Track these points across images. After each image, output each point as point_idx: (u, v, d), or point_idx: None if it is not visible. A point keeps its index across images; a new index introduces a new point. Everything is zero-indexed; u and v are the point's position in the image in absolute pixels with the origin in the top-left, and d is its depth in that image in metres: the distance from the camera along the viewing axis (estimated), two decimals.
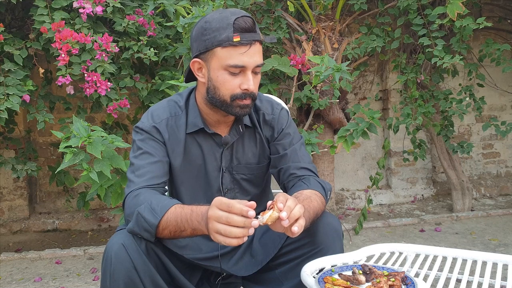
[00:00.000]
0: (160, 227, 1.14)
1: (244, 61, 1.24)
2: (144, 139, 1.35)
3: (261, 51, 1.28)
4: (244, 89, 1.27)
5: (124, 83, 2.74)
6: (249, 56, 1.24)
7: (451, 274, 1.19)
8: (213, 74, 1.28)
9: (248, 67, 1.25)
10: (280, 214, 1.05)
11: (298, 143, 1.44)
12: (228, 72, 1.26)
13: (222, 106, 1.31)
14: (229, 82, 1.27)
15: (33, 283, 2.69)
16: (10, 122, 3.10)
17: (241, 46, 1.23)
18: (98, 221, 3.94)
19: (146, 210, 1.15)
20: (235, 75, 1.26)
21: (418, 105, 3.40)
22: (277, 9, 3.33)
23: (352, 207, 4.19)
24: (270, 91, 3.20)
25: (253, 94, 1.29)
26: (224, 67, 1.26)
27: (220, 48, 1.24)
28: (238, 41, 1.22)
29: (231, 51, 1.23)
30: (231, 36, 1.22)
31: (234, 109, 1.29)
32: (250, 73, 1.26)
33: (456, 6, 2.82)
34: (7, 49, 2.57)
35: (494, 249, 2.94)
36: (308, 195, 1.26)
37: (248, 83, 1.26)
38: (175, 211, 1.14)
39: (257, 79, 1.31)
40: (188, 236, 1.15)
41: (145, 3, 2.75)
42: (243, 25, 1.22)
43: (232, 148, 1.41)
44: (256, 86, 1.30)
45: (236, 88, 1.27)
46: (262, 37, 1.27)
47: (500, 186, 4.41)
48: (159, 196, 1.22)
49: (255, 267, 1.36)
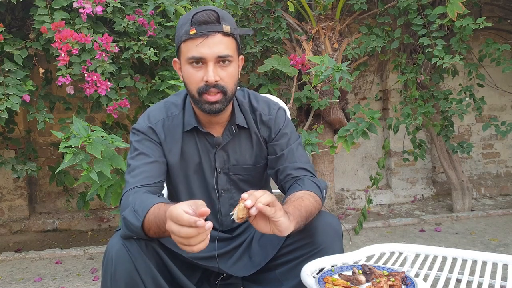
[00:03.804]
0: (145, 228, 1.12)
1: (201, 52, 1.23)
2: (141, 140, 1.35)
3: (226, 43, 1.25)
4: (205, 81, 1.25)
5: (124, 83, 2.74)
6: (206, 47, 1.23)
7: (451, 274, 1.19)
8: (183, 70, 1.31)
9: (207, 58, 1.24)
10: (245, 202, 1.04)
11: (296, 143, 1.43)
12: (191, 66, 1.27)
13: (194, 102, 1.31)
14: (193, 76, 1.27)
15: (33, 283, 2.69)
16: (10, 122, 3.10)
17: (197, 38, 1.23)
18: (98, 221, 3.94)
19: (130, 213, 1.15)
20: (198, 68, 1.26)
21: (418, 105, 3.40)
22: (277, 9, 3.33)
23: (352, 207, 4.19)
24: (270, 91, 3.20)
25: (220, 86, 1.26)
26: (187, 61, 1.27)
27: (183, 43, 1.27)
28: (194, 34, 1.23)
29: (189, 44, 1.25)
30: (188, 29, 1.24)
31: (203, 105, 1.28)
32: (212, 64, 1.24)
33: (456, 6, 2.83)
34: (7, 49, 2.56)
35: (494, 249, 2.94)
36: (299, 195, 1.25)
37: (207, 74, 1.24)
38: (154, 212, 1.11)
39: (227, 72, 1.27)
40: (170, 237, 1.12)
41: (145, 3, 2.75)
42: (201, 18, 1.23)
43: (228, 149, 1.40)
44: (226, 78, 1.27)
45: (199, 81, 1.26)
46: (227, 29, 1.25)
47: (500, 186, 4.41)
48: (144, 196, 1.21)
49: (253, 268, 1.36)
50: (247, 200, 1.04)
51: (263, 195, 1.06)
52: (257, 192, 1.07)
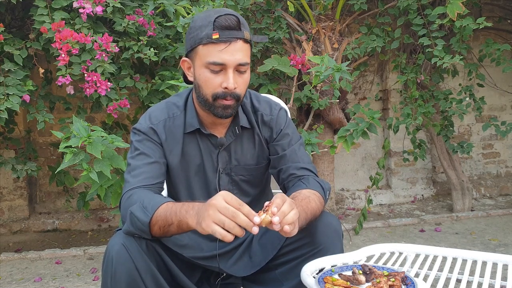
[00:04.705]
0: (151, 224, 1.13)
1: (223, 59, 1.23)
2: (141, 140, 1.35)
3: (245, 50, 1.25)
4: (224, 88, 1.25)
5: (124, 83, 2.74)
6: (229, 53, 1.23)
7: (451, 274, 1.19)
8: (197, 73, 1.29)
9: (228, 64, 1.24)
10: (273, 219, 1.03)
11: (297, 144, 1.43)
12: (209, 70, 1.25)
13: (206, 105, 1.30)
14: (210, 81, 1.26)
15: (33, 283, 2.69)
16: (10, 122, 3.10)
17: (220, 43, 1.22)
18: (98, 221, 3.94)
19: (138, 209, 1.15)
20: (217, 74, 1.25)
21: (418, 105, 3.40)
22: (277, 9, 3.33)
23: (352, 207, 4.19)
24: (270, 91, 3.20)
25: (236, 94, 1.27)
26: (205, 65, 1.25)
27: (202, 46, 1.25)
28: (216, 38, 1.22)
29: (210, 48, 1.23)
30: (210, 33, 1.22)
31: (216, 109, 1.28)
32: (232, 71, 1.24)
33: (456, 6, 2.83)
34: (7, 49, 2.57)
35: (494, 249, 2.94)
36: (307, 195, 1.25)
37: (228, 81, 1.24)
38: (166, 207, 1.13)
39: (243, 79, 1.28)
40: (175, 231, 1.13)
41: (145, 3, 2.75)
42: (224, 23, 1.22)
43: (230, 150, 1.40)
44: (242, 86, 1.28)
45: (217, 87, 1.26)
46: (247, 35, 1.25)
47: (500, 186, 4.41)
48: (152, 195, 1.22)
49: (253, 268, 1.36)
50: (275, 217, 1.03)
51: (291, 213, 1.05)
52: (285, 207, 1.05)
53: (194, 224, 1.07)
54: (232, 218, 1.00)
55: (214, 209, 1.02)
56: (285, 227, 1.03)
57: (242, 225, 1.01)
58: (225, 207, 1.01)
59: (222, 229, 1.00)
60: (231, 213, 1.00)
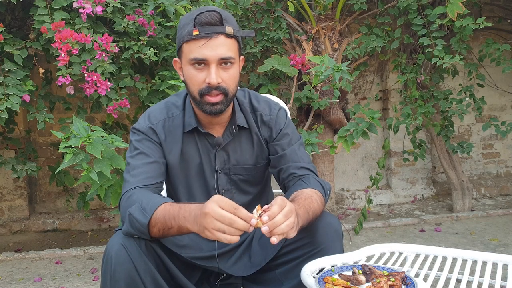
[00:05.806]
0: (150, 225, 1.13)
1: (203, 54, 1.23)
2: (141, 139, 1.35)
3: (228, 45, 1.25)
4: (207, 83, 1.25)
5: (124, 83, 2.74)
6: (209, 48, 1.23)
7: (451, 274, 1.19)
8: (184, 71, 1.30)
9: (210, 59, 1.24)
10: (262, 228, 1.03)
11: (297, 143, 1.43)
12: (193, 67, 1.26)
13: (195, 103, 1.31)
14: (194, 77, 1.27)
15: (33, 283, 2.69)
16: (10, 122, 3.10)
17: (200, 39, 1.23)
18: (98, 221, 3.94)
19: (136, 210, 1.15)
20: (200, 70, 1.26)
21: (418, 105, 3.40)
22: (277, 9, 3.33)
23: (352, 207, 4.19)
24: (270, 91, 3.20)
25: (222, 88, 1.27)
26: (189, 62, 1.26)
27: (185, 43, 1.26)
28: (196, 35, 1.23)
29: (192, 45, 1.24)
30: (191, 30, 1.23)
31: (204, 106, 1.29)
32: (214, 66, 1.24)
33: (456, 6, 2.83)
34: (7, 49, 2.56)
35: (494, 249, 2.94)
36: (309, 194, 1.25)
37: (210, 76, 1.24)
38: (164, 209, 1.13)
39: (229, 73, 1.27)
40: (175, 234, 1.14)
41: (145, 3, 2.75)
42: (204, 19, 1.23)
43: (228, 149, 1.40)
44: (228, 80, 1.27)
45: (201, 83, 1.26)
46: (230, 30, 1.24)
47: (500, 186, 4.41)
48: (151, 195, 1.22)
49: (253, 268, 1.36)
50: (264, 226, 1.03)
51: (284, 224, 1.04)
52: (279, 218, 1.04)
53: (196, 230, 1.07)
54: (229, 225, 1.01)
55: (211, 218, 1.02)
56: (271, 238, 1.03)
57: (240, 229, 1.01)
58: (221, 215, 1.01)
59: (224, 233, 1.01)
60: (228, 220, 1.01)
